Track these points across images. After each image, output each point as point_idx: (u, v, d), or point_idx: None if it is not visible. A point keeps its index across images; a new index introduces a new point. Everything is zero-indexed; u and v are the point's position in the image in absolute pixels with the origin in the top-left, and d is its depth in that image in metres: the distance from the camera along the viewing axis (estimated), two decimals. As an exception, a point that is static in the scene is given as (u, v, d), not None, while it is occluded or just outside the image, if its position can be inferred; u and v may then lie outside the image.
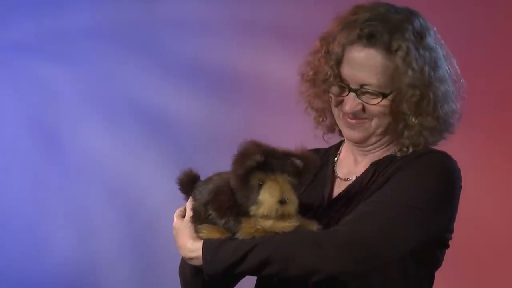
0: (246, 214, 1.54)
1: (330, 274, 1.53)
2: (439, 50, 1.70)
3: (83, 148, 3.46)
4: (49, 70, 3.49)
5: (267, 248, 1.53)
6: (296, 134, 1.80)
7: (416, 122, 1.67)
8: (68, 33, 3.47)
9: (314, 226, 1.57)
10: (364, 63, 1.64)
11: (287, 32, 3.22)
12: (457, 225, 1.71)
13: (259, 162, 1.52)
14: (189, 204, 1.66)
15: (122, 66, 3.44)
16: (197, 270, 1.61)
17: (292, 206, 1.53)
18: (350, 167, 1.78)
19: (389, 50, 1.64)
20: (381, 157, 1.73)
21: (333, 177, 1.78)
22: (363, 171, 1.73)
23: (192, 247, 1.59)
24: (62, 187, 3.46)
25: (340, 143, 1.86)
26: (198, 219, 1.60)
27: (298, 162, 1.57)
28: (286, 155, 1.57)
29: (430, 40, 1.69)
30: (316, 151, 1.86)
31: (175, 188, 3.45)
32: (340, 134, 1.82)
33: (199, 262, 1.58)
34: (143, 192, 3.42)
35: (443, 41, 1.73)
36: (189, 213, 1.64)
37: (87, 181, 3.44)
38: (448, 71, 1.71)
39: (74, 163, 3.46)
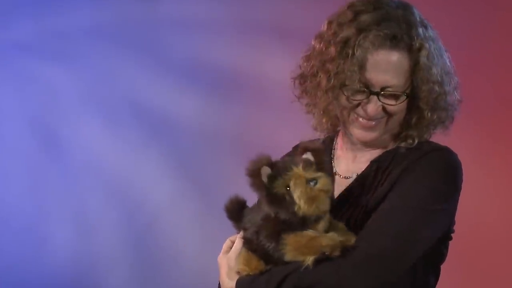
0: (290, 230, 1.54)
1: None
2: (438, 39, 1.70)
3: (83, 148, 3.46)
4: (49, 70, 3.49)
5: (294, 279, 1.55)
6: (296, 133, 1.80)
7: (433, 117, 1.68)
8: (68, 33, 3.47)
9: (352, 238, 1.57)
10: (389, 66, 1.63)
11: (287, 32, 3.22)
12: (457, 222, 1.71)
13: (270, 173, 1.52)
14: (240, 235, 1.67)
15: (122, 66, 3.44)
16: None
17: (325, 180, 1.52)
18: (348, 164, 1.77)
19: (411, 50, 1.63)
20: (381, 153, 1.73)
21: (332, 174, 1.76)
22: (363, 168, 1.72)
23: (228, 285, 1.64)
24: (62, 187, 3.46)
25: (333, 136, 1.84)
26: (250, 247, 1.62)
27: (307, 156, 1.56)
28: (293, 157, 1.57)
29: (431, 30, 1.69)
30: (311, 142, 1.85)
31: (175, 188, 3.48)
32: (330, 130, 1.81)
33: None
34: (143, 192, 3.42)
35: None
36: (237, 245, 1.66)
37: (87, 181, 3.44)
38: (449, 60, 1.71)
39: (74, 163, 3.46)
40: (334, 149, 1.82)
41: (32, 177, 3.49)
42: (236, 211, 1.67)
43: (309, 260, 1.53)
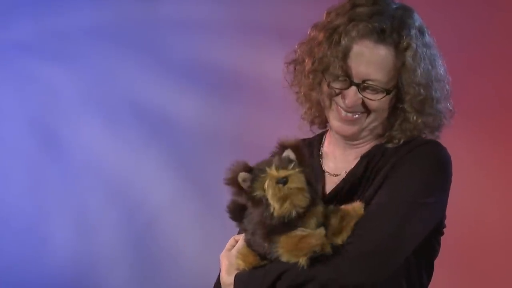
0: (281, 231, 1.54)
1: None
2: (435, 47, 1.71)
3: (83, 148, 3.46)
4: (49, 70, 3.49)
5: (291, 275, 1.55)
6: (296, 133, 1.80)
7: (418, 120, 1.68)
8: (68, 33, 3.46)
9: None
10: (372, 58, 1.64)
11: (287, 32, 3.20)
12: (457, 223, 1.71)
13: (246, 177, 1.52)
14: (243, 235, 1.68)
15: (122, 66, 3.44)
16: None
17: (295, 177, 1.50)
18: (337, 161, 1.77)
19: (398, 48, 1.64)
20: (370, 149, 1.73)
21: (321, 172, 1.77)
22: (353, 165, 1.73)
23: (227, 281, 1.66)
24: (62, 187, 3.45)
25: (322, 134, 1.85)
26: (250, 247, 1.63)
27: (288, 153, 1.55)
28: (272, 157, 1.56)
29: (427, 37, 1.70)
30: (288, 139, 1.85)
31: (175, 188, 3.47)
32: (320, 127, 1.82)
33: None
34: (143, 192, 3.42)
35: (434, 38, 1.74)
36: (239, 244, 1.67)
37: (87, 181, 3.44)
38: (443, 69, 1.72)
39: (74, 163, 3.46)
40: (322, 147, 1.82)
41: (32, 177, 3.48)
42: (238, 211, 1.66)
43: (303, 261, 1.52)
